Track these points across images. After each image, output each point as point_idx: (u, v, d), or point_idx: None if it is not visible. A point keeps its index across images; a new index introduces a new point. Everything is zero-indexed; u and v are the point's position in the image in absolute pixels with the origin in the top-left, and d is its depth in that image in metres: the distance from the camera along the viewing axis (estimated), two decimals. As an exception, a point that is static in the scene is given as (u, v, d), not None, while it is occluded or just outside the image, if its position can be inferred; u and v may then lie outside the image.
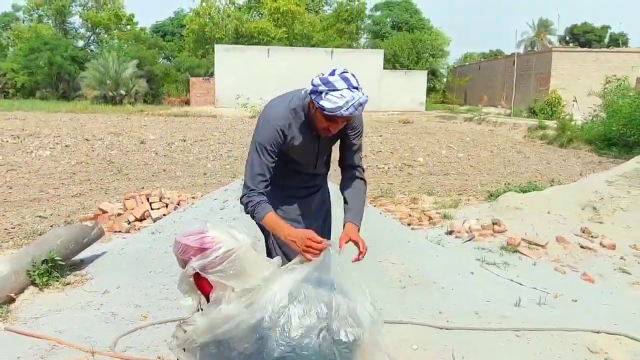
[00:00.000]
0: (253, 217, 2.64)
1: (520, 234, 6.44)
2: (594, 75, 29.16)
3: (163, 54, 49.27)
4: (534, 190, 8.88)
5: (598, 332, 3.90)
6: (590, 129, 20.36)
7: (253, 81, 31.84)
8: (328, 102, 2.44)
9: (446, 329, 3.88)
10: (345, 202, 2.87)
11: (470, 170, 14.75)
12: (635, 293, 5.13)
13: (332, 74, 2.48)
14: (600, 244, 6.39)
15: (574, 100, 28.20)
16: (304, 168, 2.89)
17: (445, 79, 50.51)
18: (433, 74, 46.21)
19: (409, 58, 44.54)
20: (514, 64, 34.42)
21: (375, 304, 2.47)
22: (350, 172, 2.92)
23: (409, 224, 8.01)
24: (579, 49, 36.21)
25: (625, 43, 50.80)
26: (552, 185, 9.29)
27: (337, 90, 2.44)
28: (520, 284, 5.11)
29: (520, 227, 6.62)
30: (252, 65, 32.74)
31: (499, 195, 8.35)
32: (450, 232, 6.89)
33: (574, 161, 16.66)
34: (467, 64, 52.39)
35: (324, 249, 2.45)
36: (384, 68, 37.66)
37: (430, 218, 8.20)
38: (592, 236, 6.56)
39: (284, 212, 2.82)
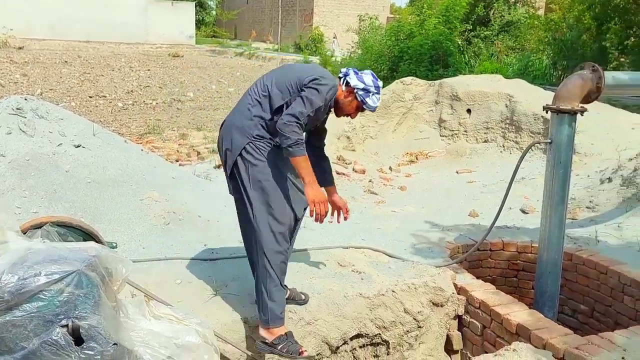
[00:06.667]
0: (289, 147, 2.88)
1: (283, 164, 6.74)
2: (351, 14, 31.26)
3: None
4: (297, 122, 9.33)
5: (347, 248, 4.33)
6: (348, 65, 21.92)
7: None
8: (372, 102, 3.14)
9: (210, 260, 3.94)
10: (323, 169, 3.44)
11: (239, 105, 14.91)
12: (379, 210, 5.78)
13: (375, 77, 3.16)
14: (353, 169, 7.03)
15: (334, 37, 29.99)
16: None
17: (214, 12, 49.56)
18: (201, 6, 44.92)
19: (175, -12, 42.53)
20: (279, 0, 35.11)
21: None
22: (321, 149, 3.48)
23: (177, 161, 7.86)
24: (339, -12, 38.21)
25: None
26: (313, 117, 9.86)
27: (379, 93, 3.16)
28: (283, 211, 5.38)
29: (283, 158, 6.93)
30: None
31: (265, 128, 8.59)
32: (218, 166, 6.92)
33: (334, 95, 17.88)
34: (235, -3, 51.93)
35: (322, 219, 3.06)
36: (149, -2, 35.46)
37: (199, 153, 8.15)
38: (346, 163, 7.17)
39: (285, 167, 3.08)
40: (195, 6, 38.75)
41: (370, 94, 3.12)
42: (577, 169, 6.19)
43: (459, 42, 19.19)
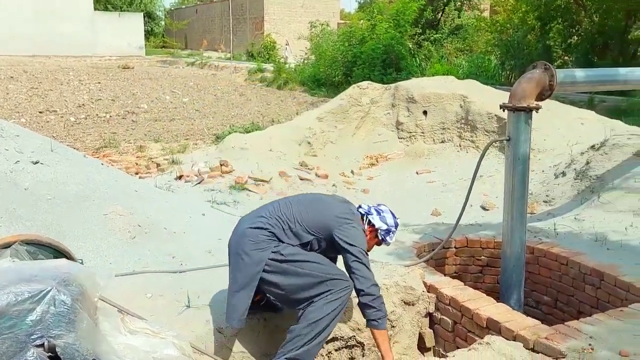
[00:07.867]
0: (380, 319, 3.01)
1: (246, 172, 6.73)
2: (302, 20, 31.40)
3: None
4: (256, 130, 9.33)
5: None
6: (302, 71, 22.00)
7: None
8: (390, 239, 3.32)
9: (180, 272, 3.89)
10: None
11: (196, 115, 14.77)
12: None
13: (394, 215, 3.35)
14: (316, 174, 7.07)
15: (286, 44, 30.02)
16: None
17: (163, 22, 49.00)
18: (149, 16, 44.34)
19: (121, -1, 41.86)
20: (229, 9, 34.96)
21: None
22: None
23: (136, 173, 7.72)
24: (288, -5, 38.29)
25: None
26: (272, 125, 9.85)
27: (396, 231, 3.35)
28: (249, 219, 5.36)
29: (246, 166, 6.91)
30: None
31: (224, 137, 8.55)
32: (179, 177, 6.85)
33: (290, 102, 17.90)
34: (184, 7, 51.47)
35: None
36: (95, 9, 34.80)
37: (158, 165, 8.02)
38: (308, 168, 7.20)
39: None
40: (144, 17, 38.23)
41: (391, 233, 3.30)
42: (531, 164, 6.33)
43: (410, 46, 19.55)
